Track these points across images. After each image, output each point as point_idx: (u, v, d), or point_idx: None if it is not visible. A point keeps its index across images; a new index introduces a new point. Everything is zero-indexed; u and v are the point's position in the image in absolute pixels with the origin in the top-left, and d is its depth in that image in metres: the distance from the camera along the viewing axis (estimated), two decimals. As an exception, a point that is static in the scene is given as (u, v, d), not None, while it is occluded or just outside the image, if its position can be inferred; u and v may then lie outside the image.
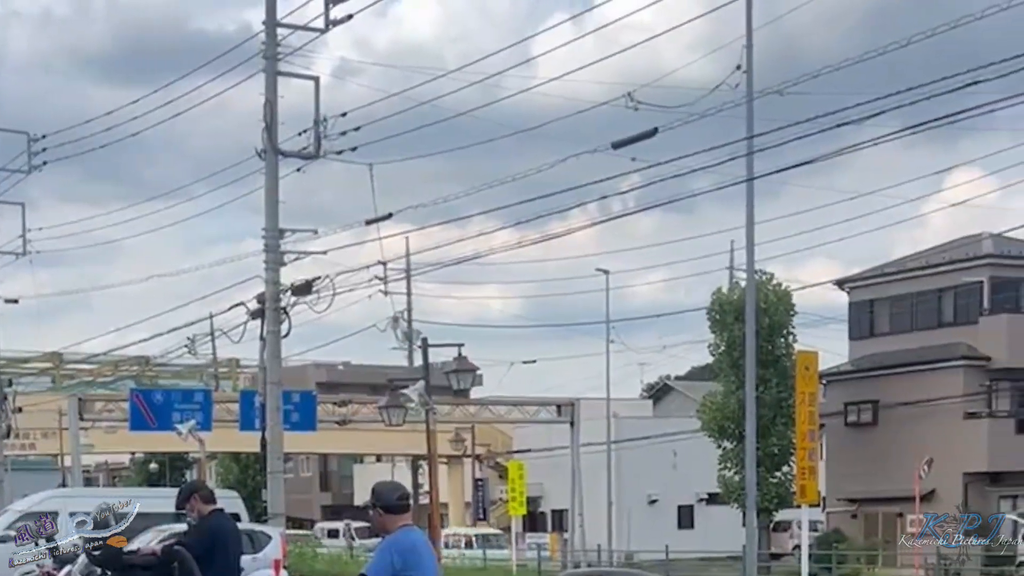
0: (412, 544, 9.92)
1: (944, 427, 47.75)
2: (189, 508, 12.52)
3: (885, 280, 52.33)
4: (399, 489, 10.09)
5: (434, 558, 10.14)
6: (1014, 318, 49.12)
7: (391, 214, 29.49)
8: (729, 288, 49.15)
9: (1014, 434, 49.04)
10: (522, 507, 51.32)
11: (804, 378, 27.51)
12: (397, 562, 9.68)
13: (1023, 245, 48.50)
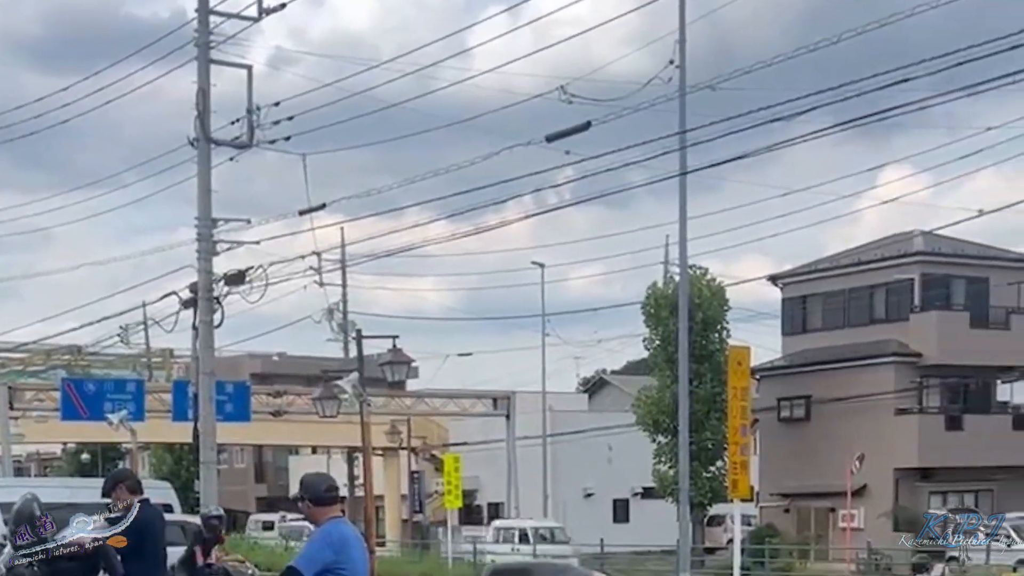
0: (343, 537, 9.82)
1: (876, 423, 47.94)
2: (115, 497, 12.41)
3: (818, 276, 52.51)
4: (327, 480, 10.05)
5: (364, 550, 10.07)
6: (944, 315, 49.48)
7: (324, 205, 29.46)
8: (664, 283, 49.34)
9: (944, 430, 49.36)
10: (458, 500, 51.25)
11: (736, 373, 27.56)
12: (328, 556, 9.58)
13: (954, 243, 48.77)
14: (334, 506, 9.86)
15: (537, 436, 55.37)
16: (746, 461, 28.38)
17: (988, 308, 50.25)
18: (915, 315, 49.35)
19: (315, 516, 9.81)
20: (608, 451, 60.15)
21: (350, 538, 9.78)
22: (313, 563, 9.59)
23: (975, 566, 39.65)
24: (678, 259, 47.58)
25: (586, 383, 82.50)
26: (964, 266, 50.00)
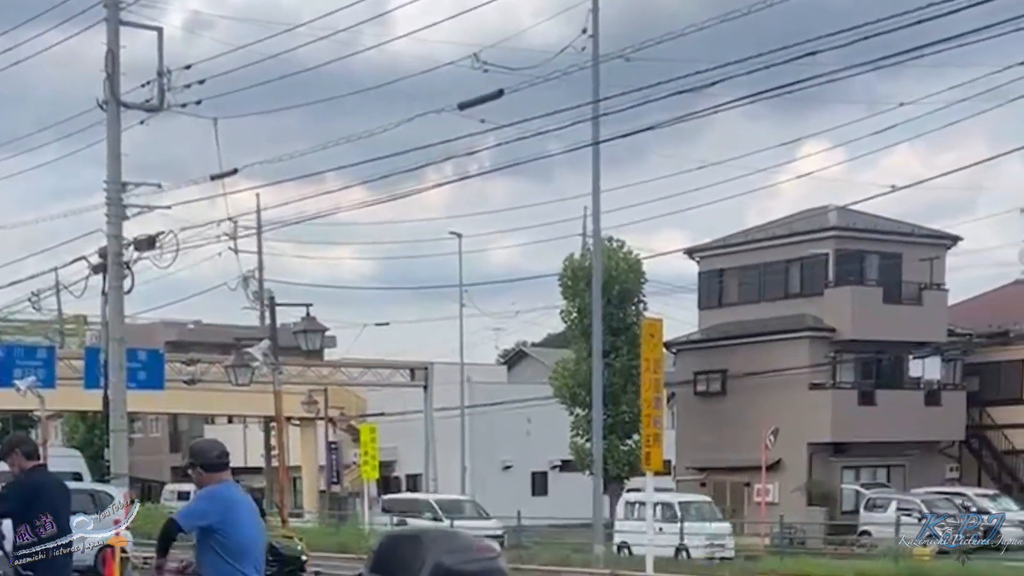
0: (230, 498, 9.67)
1: (790, 397, 48.27)
2: (10, 463, 12.18)
3: (734, 250, 52.64)
4: (218, 447, 9.90)
5: (256, 515, 9.92)
6: (858, 290, 49.77)
7: (236, 170, 29.09)
8: (581, 255, 49.27)
9: (857, 405, 49.76)
10: (375, 471, 50.99)
11: (649, 345, 27.48)
12: (212, 515, 9.48)
13: (868, 218, 49.11)
14: (224, 472, 9.74)
15: (455, 407, 55.18)
16: (659, 434, 28.33)
17: (901, 284, 50.65)
18: (829, 290, 49.61)
19: (205, 482, 9.63)
20: (527, 424, 60.08)
21: (237, 500, 9.66)
22: (193, 517, 9.53)
23: (884, 540, 39.97)
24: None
25: (506, 355, 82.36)
26: (878, 241, 50.32)
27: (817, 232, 49.79)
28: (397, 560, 6.22)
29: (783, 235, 50.74)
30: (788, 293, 50.73)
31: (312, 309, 33.75)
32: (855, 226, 49.49)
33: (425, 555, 6.16)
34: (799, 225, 50.90)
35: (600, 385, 31.23)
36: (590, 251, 48.51)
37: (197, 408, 62.17)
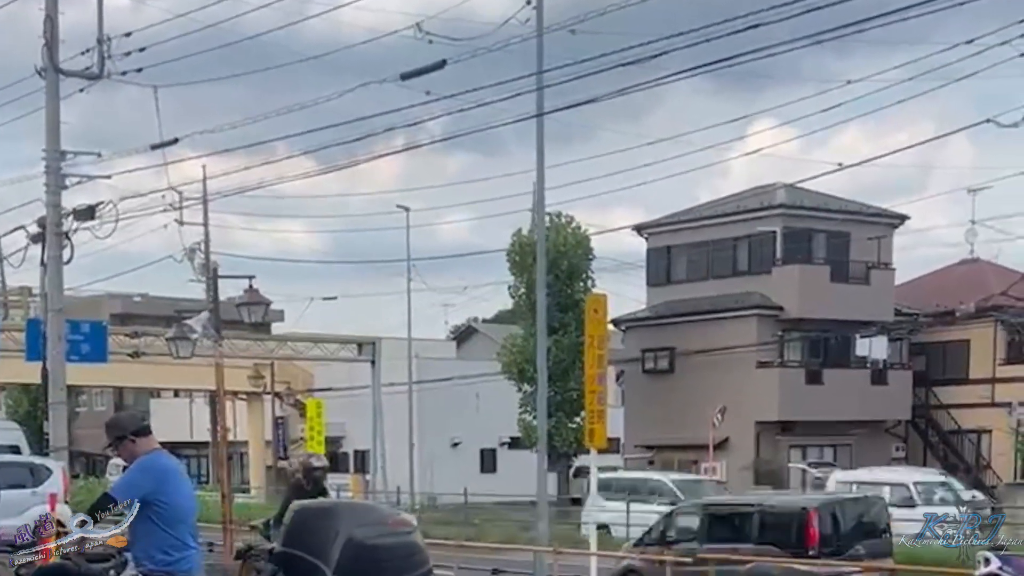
0: (164, 467, 9.68)
1: (738, 376, 48.17)
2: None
3: (682, 227, 52.42)
4: (138, 415, 9.99)
5: (189, 484, 9.98)
6: (806, 268, 49.69)
7: (176, 139, 28.78)
8: (530, 230, 48.97)
9: (804, 384, 49.72)
10: (321, 446, 50.60)
11: (593, 321, 27.17)
12: (147, 484, 9.42)
13: (816, 196, 48.86)
14: (152, 439, 9.73)
15: (403, 383, 54.86)
16: (603, 410, 28.04)
17: (848, 263, 50.66)
18: (777, 268, 49.52)
19: (138, 451, 9.62)
20: (475, 400, 59.83)
21: (171, 468, 9.66)
22: (129, 489, 9.42)
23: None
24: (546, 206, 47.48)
25: (457, 331, 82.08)
26: (825, 220, 50.18)
27: (765, 210, 49.67)
28: (309, 534, 5.97)
29: (731, 212, 50.61)
30: (736, 271, 50.58)
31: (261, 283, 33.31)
32: (802, 204, 49.31)
33: (337, 528, 5.91)
34: (747, 203, 50.79)
35: (545, 361, 30.92)
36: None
37: (143, 382, 61.67)
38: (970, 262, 55.61)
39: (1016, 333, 48.98)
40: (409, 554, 6.18)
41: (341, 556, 5.94)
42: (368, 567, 5.94)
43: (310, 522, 6.24)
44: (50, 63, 27.95)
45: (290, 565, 6.12)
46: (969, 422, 51.51)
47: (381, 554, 6.00)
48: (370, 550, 6.00)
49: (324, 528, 6.09)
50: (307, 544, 6.10)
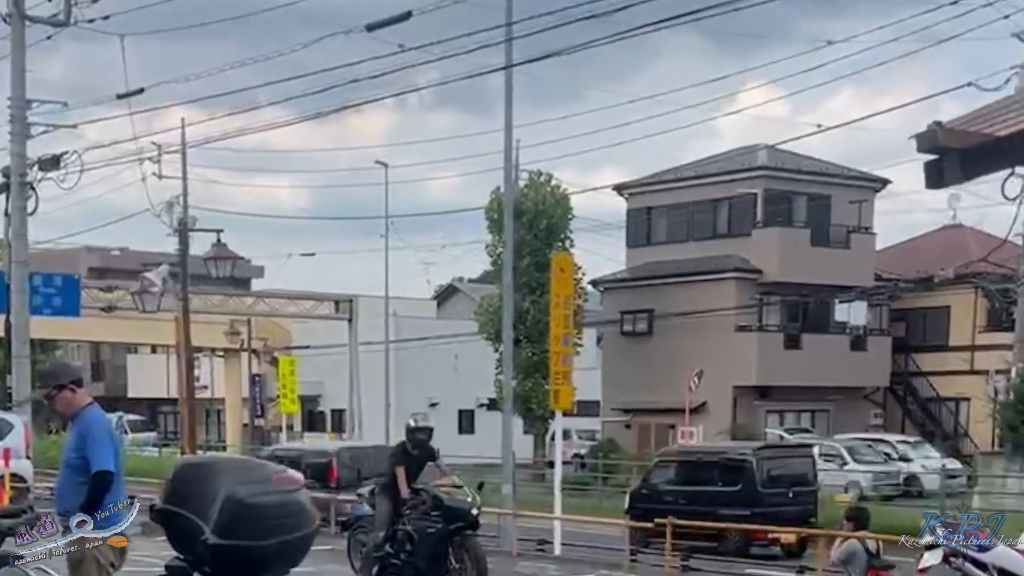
0: (108, 420, 10.02)
1: (716, 339, 47.73)
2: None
3: (662, 188, 51.93)
4: (75, 365, 9.97)
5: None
6: (785, 232, 49.24)
7: (142, 89, 28.35)
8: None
9: (783, 349, 49.35)
10: (294, 404, 50.37)
11: (559, 280, 26.84)
12: (115, 442, 9.73)
13: (798, 159, 48.36)
14: (86, 390, 10.04)
15: (380, 342, 54.51)
16: (568, 371, 27.72)
17: (829, 226, 50.23)
18: (757, 231, 49.10)
19: (78, 401, 9.72)
20: (454, 360, 59.44)
21: (109, 420, 10.11)
22: (113, 456, 9.61)
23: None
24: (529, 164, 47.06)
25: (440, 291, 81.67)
26: (806, 183, 49.77)
27: (746, 171, 49.25)
28: (189, 490, 5.61)
29: (712, 174, 50.17)
30: (716, 233, 50.13)
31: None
32: (784, 166, 48.84)
33: (218, 485, 5.55)
34: (728, 164, 50.36)
35: (511, 321, 30.54)
36: (518, 184, 47.86)
37: (119, 337, 61.30)
38: (952, 228, 55.24)
39: (996, 300, 48.59)
40: (294, 512, 5.83)
41: (221, 513, 5.61)
42: (249, 525, 5.61)
43: (190, 479, 5.90)
44: (15, 9, 27.82)
45: (169, 522, 5.78)
46: (948, 389, 51.24)
47: (263, 512, 5.66)
48: (251, 508, 5.66)
49: (204, 485, 5.75)
50: (187, 501, 5.76)
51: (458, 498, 17.56)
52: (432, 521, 17.39)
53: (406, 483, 17.39)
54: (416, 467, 17.77)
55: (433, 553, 17.35)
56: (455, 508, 17.41)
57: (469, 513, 17.44)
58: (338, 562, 23.62)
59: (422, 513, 17.45)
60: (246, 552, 5.63)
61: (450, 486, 17.83)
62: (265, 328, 60.14)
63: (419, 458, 17.74)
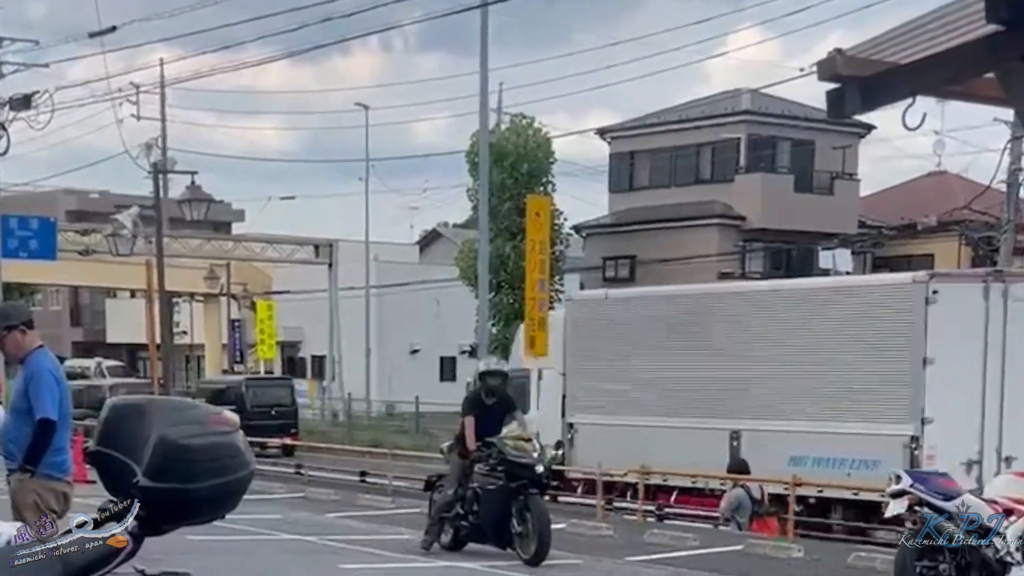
0: (57, 365, 9.57)
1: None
2: None
3: (645, 132, 51.45)
4: (25, 306, 9.76)
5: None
6: (769, 178, 48.85)
7: (115, 27, 27.96)
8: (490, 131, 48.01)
9: (766, 297, 48.95)
10: (272, 350, 50.05)
11: (535, 225, 26.44)
12: (61, 390, 9.40)
13: (782, 103, 47.74)
14: (35, 332, 9.60)
15: (361, 287, 54.15)
16: (544, 318, 27.36)
17: (812, 172, 49.78)
18: (740, 176, 48.68)
19: (28, 343, 9.42)
20: (436, 307, 58.96)
21: (58, 365, 9.62)
22: (57, 405, 9.35)
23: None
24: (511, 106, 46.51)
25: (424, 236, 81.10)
26: (790, 128, 49.22)
27: (729, 116, 48.77)
28: (122, 432, 5.29)
29: (695, 118, 49.66)
30: (699, 178, 49.71)
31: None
32: (767, 111, 48.34)
33: (151, 427, 5.22)
34: (711, 108, 49.87)
35: (486, 266, 30.22)
36: (499, 127, 47.38)
37: (97, 281, 60.80)
38: (937, 175, 54.87)
39: (979, 248, 48.27)
40: (228, 455, 5.53)
41: (153, 456, 5.31)
42: (181, 467, 5.32)
43: (122, 420, 5.60)
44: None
45: (102, 465, 5.47)
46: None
47: (195, 454, 5.36)
48: (183, 450, 5.36)
49: (136, 426, 5.45)
50: (118, 443, 5.46)
51: (522, 452, 15.70)
52: (495, 478, 15.79)
53: (474, 436, 15.85)
54: (490, 418, 15.93)
55: (495, 513, 15.75)
56: (517, 463, 15.59)
57: (533, 469, 15.62)
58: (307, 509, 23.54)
59: (489, 469, 15.82)
60: (179, 495, 5.35)
61: (516, 438, 15.89)
62: (245, 273, 59.74)
63: (495, 408, 16.01)
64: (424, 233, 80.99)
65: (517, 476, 15.51)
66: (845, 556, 16.99)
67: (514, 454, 15.59)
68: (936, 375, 20.07)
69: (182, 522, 5.37)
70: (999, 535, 12.85)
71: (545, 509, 15.83)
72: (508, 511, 15.55)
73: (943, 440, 19.97)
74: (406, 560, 16.34)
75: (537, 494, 15.73)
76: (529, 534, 15.39)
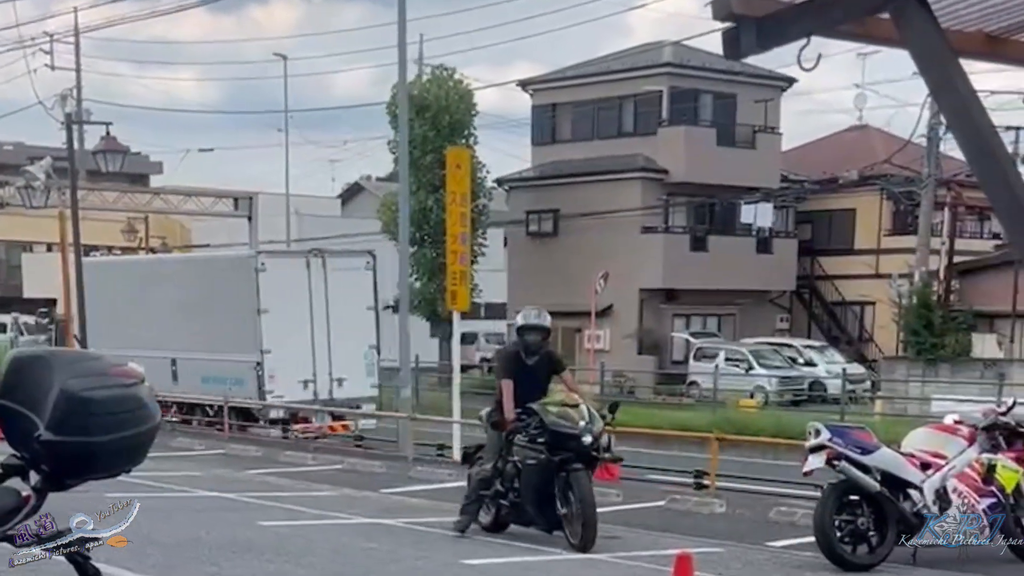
0: None
1: (622, 241, 47.02)
2: None
3: (567, 84, 50.99)
4: None
5: None
6: (691, 131, 48.56)
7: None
8: (411, 82, 47.52)
9: (689, 251, 48.69)
10: (192, 304, 49.37)
11: (455, 177, 25.94)
12: None
13: (703, 55, 47.08)
14: None
15: (283, 241, 53.54)
16: (465, 271, 27.07)
17: (735, 126, 49.62)
18: (663, 129, 48.32)
19: None
20: (359, 261, 58.36)
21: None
22: None
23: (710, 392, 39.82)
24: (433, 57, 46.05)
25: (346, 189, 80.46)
26: (712, 80, 48.85)
27: (651, 68, 48.45)
28: (23, 385, 4.99)
29: (616, 70, 49.28)
30: (621, 131, 49.24)
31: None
32: (689, 63, 47.98)
33: (52, 379, 4.93)
34: (633, 61, 49.53)
35: (407, 220, 29.80)
36: (420, 79, 46.89)
37: (12, 235, 59.81)
38: (859, 128, 55.11)
39: (900, 202, 48.56)
40: (132, 407, 5.23)
41: (54, 408, 5.02)
42: (83, 419, 5.04)
43: (24, 372, 5.28)
44: None
45: (4, 418, 5.14)
46: (853, 293, 51.17)
47: (98, 407, 5.07)
48: (85, 402, 5.06)
49: (38, 378, 5.14)
50: (19, 395, 5.15)
51: (567, 419, 13.40)
52: (536, 450, 13.53)
53: (512, 401, 13.59)
54: (532, 380, 13.73)
55: (537, 491, 13.54)
56: (559, 433, 13.33)
57: (579, 440, 13.31)
58: (227, 466, 23.25)
59: (529, 440, 13.57)
60: (82, 448, 5.07)
61: (560, 404, 13.63)
62: (164, 226, 58.95)
63: (537, 368, 13.83)
64: (346, 186, 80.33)
65: (560, 448, 13.32)
66: (766, 511, 17.03)
67: (556, 422, 13.39)
68: (271, 321, 27.74)
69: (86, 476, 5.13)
70: (916, 488, 12.95)
71: (589, 488, 13.44)
72: (551, 489, 13.43)
73: (281, 365, 27.94)
74: (324, 517, 16.10)
75: (582, 469, 13.40)
76: (572, 516, 13.32)
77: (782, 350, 45.11)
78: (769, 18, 5.75)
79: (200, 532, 14.15)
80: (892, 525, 12.80)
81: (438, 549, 13.55)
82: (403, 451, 24.99)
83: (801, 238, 52.02)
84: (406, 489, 20.35)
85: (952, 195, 40.30)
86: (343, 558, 12.73)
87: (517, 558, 12.89)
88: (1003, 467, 13.31)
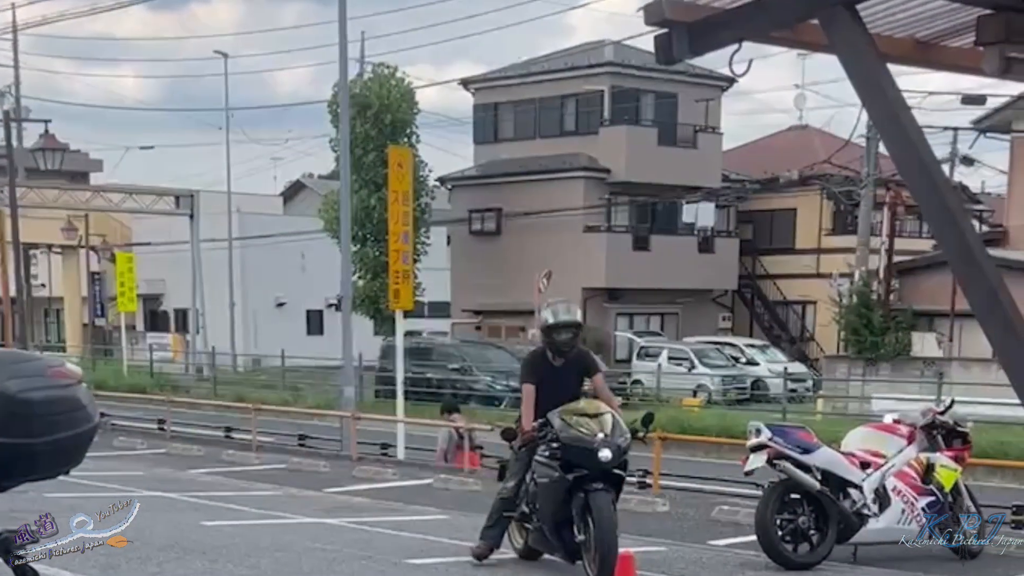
0: None
1: (565, 240, 47.21)
2: None
3: (509, 83, 51.12)
4: None
5: None
6: (633, 130, 48.75)
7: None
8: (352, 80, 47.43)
9: (631, 250, 49.00)
10: (132, 303, 49.06)
11: (397, 176, 25.99)
12: None
13: (644, 55, 47.10)
14: None
15: (225, 239, 53.40)
16: (408, 270, 27.11)
17: (676, 125, 49.88)
18: (604, 129, 48.55)
19: None
20: (301, 259, 58.34)
21: None
22: None
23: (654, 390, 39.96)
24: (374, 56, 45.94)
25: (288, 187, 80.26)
26: (653, 80, 49.01)
27: (592, 68, 48.64)
28: None
29: (558, 69, 49.45)
30: (563, 130, 49.46)
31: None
32: (630, 63, 48.10)
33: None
34: (575, 60, 49.72)
35: (348, 219, 29.82)
36: (361, 77, 46.82)
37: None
38: (799, 128, 55.49)
39: (840, 202, 48.90)
40: (70, 409, 5.26)
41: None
42: (20, 422, 5.04)
43: None
44: None
45: None
46: (794, 293, 51.60)
47: (35, 408, 5.09)
48: (22, 404, 5.07)
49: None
50: None
51: (584, 431, 11.08)
52: (550, 467, 11.34)
53: (533, 408, 11.58)
54: (560, 385, 11.55)
55: (552, 515, 11.35)
56: (573, 447, 11.07)
57: (595, 456, 10.98)
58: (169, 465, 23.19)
59: (549, 455, 11.33)
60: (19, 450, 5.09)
61: (578, 413, 11.24)
62: (104, 224, 58.57)
63: (565, 370, 11.66)
64: (288, 184, 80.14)
65: (574, 465, 11.11)
66: (709, 510, 17.11)
67: (570, 435, 11.14)
68: None
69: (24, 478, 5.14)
70: (856, 487, 13.06)
71: (610, 512, 11.04)
72: (568, 511, 11.24)
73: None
74: (268, 516, 16.07)
75: (602, 490, 11.07)
76: (589, 544, 11.01)
77: (724, 349, 45.37)
78: (701, 24, 5.84)
79: (142, 532, 14.09)
80: (833, 524, 12.83)
81: (382, 549, 13.55)
82: (347, 450, 24.98)
83: (743, 238, 52.39)
84: (350, 488, 20.37)
85: (891, 195, 40.54)
86: (287, 558, 12.72)
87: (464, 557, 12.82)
88: (942, 466, 13.44)
